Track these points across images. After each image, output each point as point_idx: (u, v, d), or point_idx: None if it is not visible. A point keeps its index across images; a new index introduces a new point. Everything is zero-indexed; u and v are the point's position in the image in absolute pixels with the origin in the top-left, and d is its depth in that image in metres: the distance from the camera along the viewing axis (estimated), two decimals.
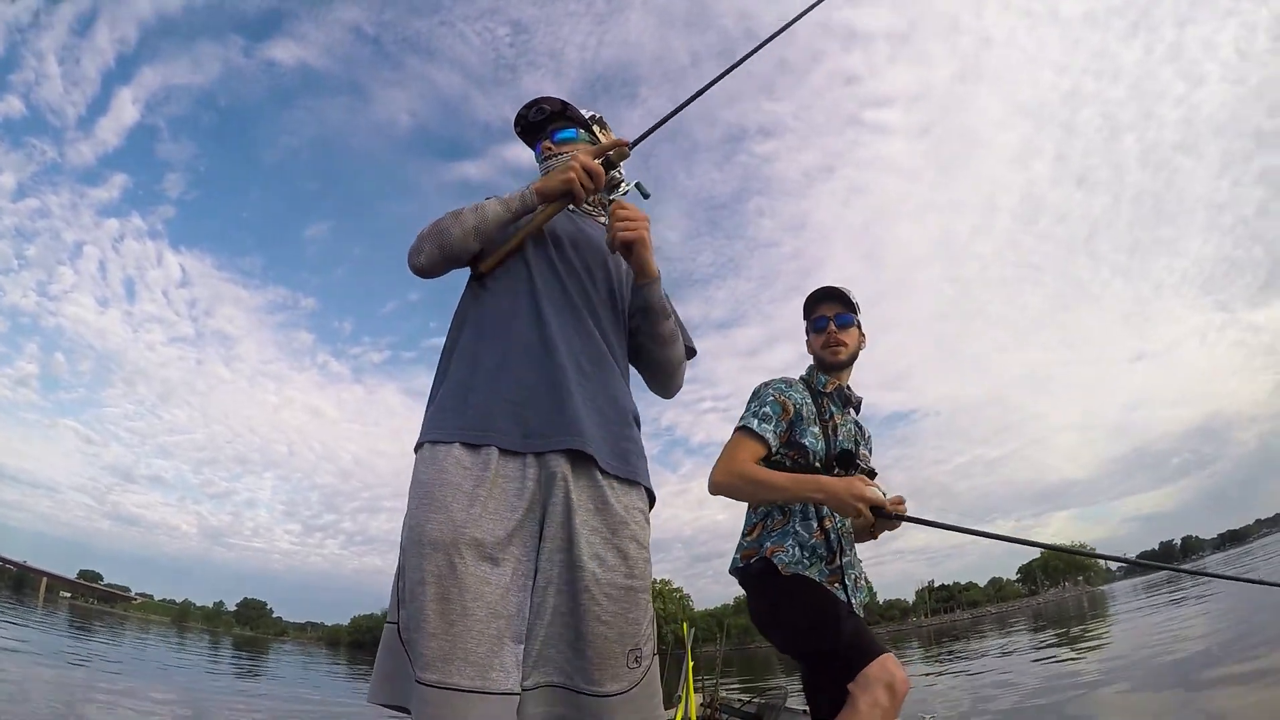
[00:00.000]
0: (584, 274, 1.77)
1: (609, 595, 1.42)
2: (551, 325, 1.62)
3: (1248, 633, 12.56)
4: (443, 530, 1.36)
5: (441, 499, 1.40)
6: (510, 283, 1.71)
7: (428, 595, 1.32)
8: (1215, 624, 16.12)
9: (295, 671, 35.02)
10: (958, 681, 16.19)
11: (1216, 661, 10.02)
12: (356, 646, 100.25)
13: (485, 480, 1.43)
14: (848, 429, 2.68)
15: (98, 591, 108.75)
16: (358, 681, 29.17)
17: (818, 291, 2.82)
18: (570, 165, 1.67)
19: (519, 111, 2.02)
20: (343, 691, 23.13)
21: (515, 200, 1.70)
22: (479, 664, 1.29)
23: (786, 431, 2.53)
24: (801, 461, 2.49)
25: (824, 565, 2.39)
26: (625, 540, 1.48)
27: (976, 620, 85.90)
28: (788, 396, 2.57)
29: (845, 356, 2.73)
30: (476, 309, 1.72)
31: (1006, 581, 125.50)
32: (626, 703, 1.40)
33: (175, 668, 24.64)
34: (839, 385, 2.74)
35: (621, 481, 1.54)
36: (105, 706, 10.59)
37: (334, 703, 17.99)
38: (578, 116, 2.01)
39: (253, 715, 13.14)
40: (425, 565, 1.35)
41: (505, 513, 1.42)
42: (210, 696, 15.61)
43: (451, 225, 1.68)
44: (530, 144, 2.06)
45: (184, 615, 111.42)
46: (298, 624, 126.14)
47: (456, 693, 1.26)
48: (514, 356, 1.58)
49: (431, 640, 1.30)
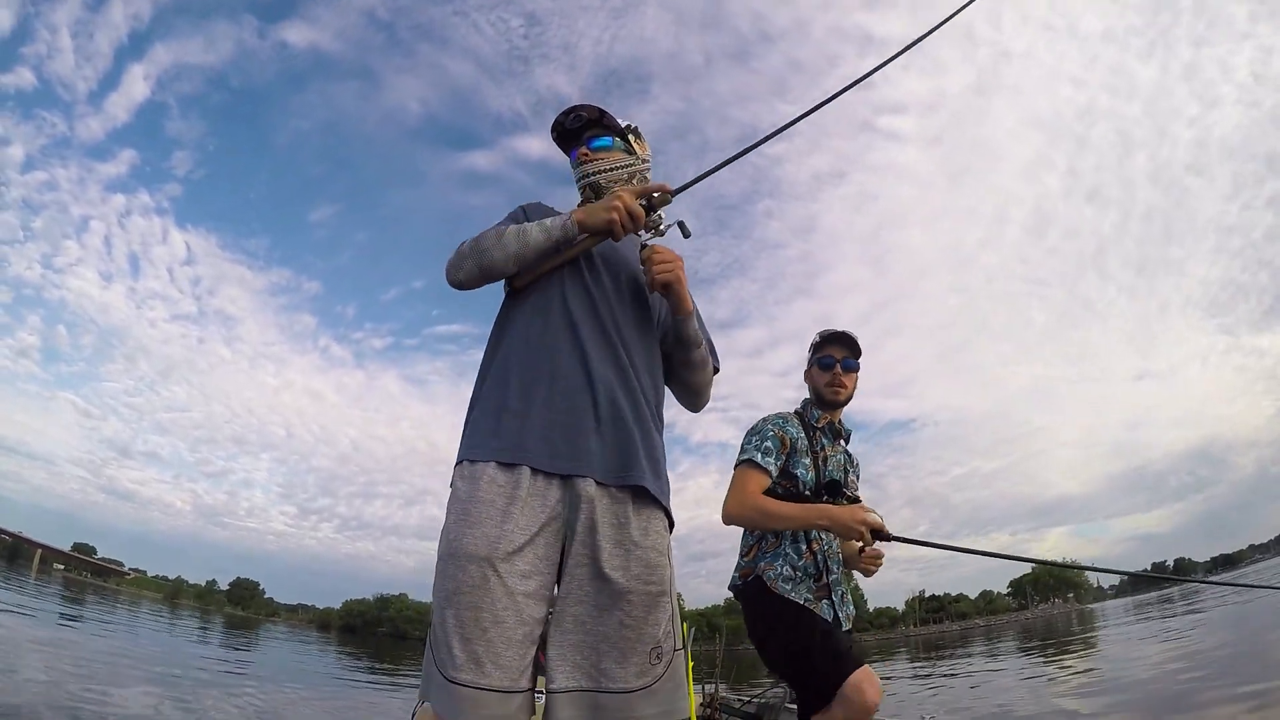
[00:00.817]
0: (613, 294, 1.84)
1: (634, 602, 1.53)
2: (583, 348, 1.71)
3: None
4: (478, 545, 1.47)
5: (477, 515, 1.51)
6: (544, 302, 1.79)
7: (461, 603, 1.44)
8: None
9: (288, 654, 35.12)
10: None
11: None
12: (347, 630, 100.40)
13: (518, 498, 1.53)
14: (837, 460, 2.89)
15: (91, 565, 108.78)
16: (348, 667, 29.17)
17: (832, 333, 3.02)
18: (614, 206, 1.72)
19: (556, 119, 2.05)
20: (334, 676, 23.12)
21: (557, 230, 1.76)
22: (507, 667, 1.43)
23: (784, 463, 2.75)
24: (792, 490, 2.73)
25: (812, 582, 2.66)
26: (647, 551, 1.58)
27: (965, 632, 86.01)
28: (785, 431, 2.80)
29: (844, 399, 2.95)
30: (511, 328, 1.80)
31: (997, 595, 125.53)
32: (649, 696, 1.51)
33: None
34: (830, 421, 2.95)
35: (640, 500, 1.63)
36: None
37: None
38: (614, 125, 2.04)
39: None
40: (460, 575, 1.46)
41: (533, 529, 1.53)
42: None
43: (494, 248, 1.76)
44: (566, 150, 2.09)
45: (176, 592, 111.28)
46: (289, 605, 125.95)
47: (488, 692, 1.40)
48: (546, 381, 1.67)
49: (465, 644, 1.42)
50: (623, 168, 2.02)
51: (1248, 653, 12.43)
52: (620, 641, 1.50)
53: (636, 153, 2.06)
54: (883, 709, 8.94)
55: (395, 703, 15.62)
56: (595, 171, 2.00)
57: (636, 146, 2.07)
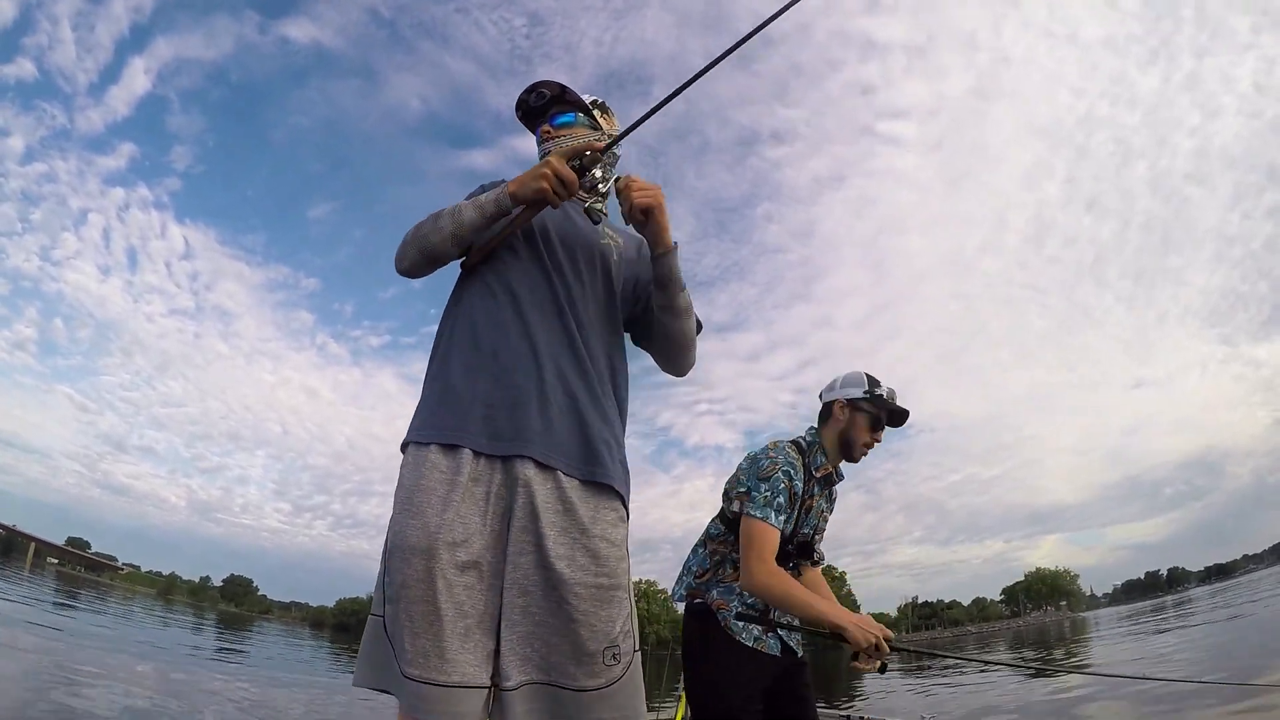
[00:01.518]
0: (569, 271, 1.77)
1: (580, 595, 1.46)
2: (530, 326, 1.66)
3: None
4: (419, 537, 1.44)
5: (418, 505, 1.47)
6: (494, 280, 1.73)
7: (408, 597, 1.41)
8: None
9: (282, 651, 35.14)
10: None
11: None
12: (341, 629, 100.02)
13: (459, 484, 1.49)
14: (818, 508, 2.75)
15: (85, 559, 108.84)
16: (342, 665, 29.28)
17: (899, 408, 2.81)
18: (543, 173, 1.62)
19: (519, 97, 2.00)
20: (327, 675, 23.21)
21: (490, 204, 1.68)
22: (454, 660, 1.39)
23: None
24: None
25: (760, 618, 2.52)
26: (595, 540, 1.51)
27: (957, 639, 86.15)
28: (793, 484, 2.58)
29: (860, 459, 2.79)
30: (461, 307, 1.76)
31: (990, 602, 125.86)
32: (605, 698, 1.45)
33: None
34: (830, 472, 2.75)
35: (589, 484, 1.57)
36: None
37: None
38: (576, 100, 1.98)
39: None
40: (405, 569, 1.43)
41: (475, 516, 1.48)
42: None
43: (430, 232, 1.71)
44: (531, 128, 2.04)
45: (170, 588, 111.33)
46: (282, 603, 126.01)
47: (438, 687, 1.37)
48: (489, 360, 1.62)
49: (414, 639, 1.39)
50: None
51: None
52: (571, 636, 1.44)
53: (601, 127, 2.00)
54: (882, 709, 8.96)
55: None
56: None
57: (602, 121, 2.01)
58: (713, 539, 2.70)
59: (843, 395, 2.79)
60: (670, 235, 1.74)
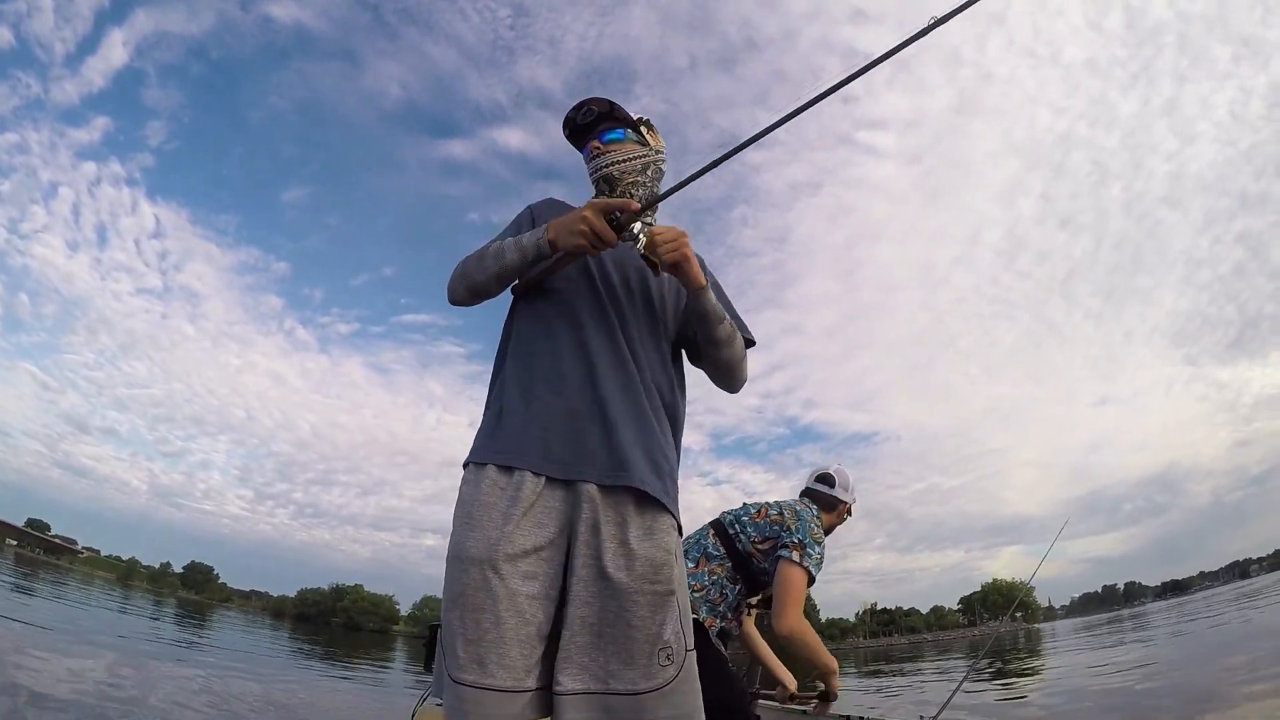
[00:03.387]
0: (621, 291, 1.84)
1: (637, 601, 1.51)
2: (588, 348, 1.72)
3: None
4: (479, 548, 1.50)
5: (478, 518, 1.54)
6: (545, 305, 1.81)
7: (465, 605, 1.47)
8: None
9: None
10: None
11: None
12: (301, 619, 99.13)
13: (520, 500, 1.54)
14: None
15: (44, 542, 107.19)
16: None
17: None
18: (580, 229, 1.65)
19: (567, 115, 2.01)
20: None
21: (531, 249, 1.73)
22: (510, 667, 1.44)
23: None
24: (765, 582, 2.90)
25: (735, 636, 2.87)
26: (652, 549, 1.57)
27: (914, 645, 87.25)
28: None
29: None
30: (516, 331, 1.84)
31: (947, 611, 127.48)
32: (663, 698, 1.49)
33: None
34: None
35: (647, 503, 1.62)
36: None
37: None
38: (625, 117, 1.99)
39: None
40: (463, 578, 1.49)
41: (535, 529, 1.54)
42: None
43: (476, 271, 1.80)
44: (578, 146, 2.04)
45: (130, 573, 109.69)
46: (242, 591, 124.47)
47: (491, 692, 1.43)
48: (546, 383, 1.69)
49: (468, 645, 1.45)
50: (636, 159, 1.96)
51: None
52: (626, 642, 1.49)
53: (650, 144, 2.00)
54: (881, 708, 9.22)
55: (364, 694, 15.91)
56: (609, 163, 1.95)
57: (649, 138, 2.01)
58: (711, 559, 2.88)
59: (849, 500, 3.22)
60: (700, 277, 1.78)
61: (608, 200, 1.72)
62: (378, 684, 19.01)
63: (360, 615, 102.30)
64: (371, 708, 12.12)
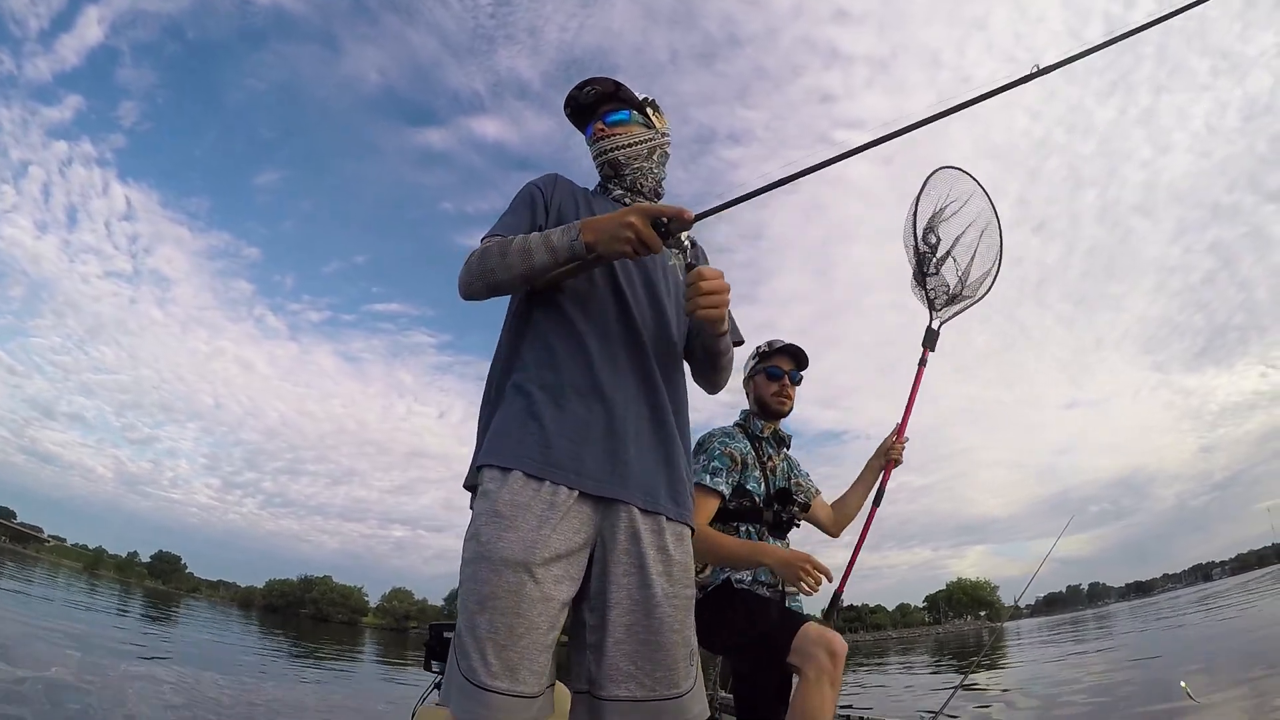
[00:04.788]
0: (645, 297, 1.77)
1: (675, 606, 1.54)
2: (613, 359, 1.66)
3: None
4: (514, 549, 1.43)
5: (513, 519, 1.46)
6: (570, 306, 1.70)
7: (499, 609, 1.40)
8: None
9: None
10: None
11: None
12: (269, 610, 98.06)
13: (556, 505, 1.50)
14: (783, 468, 2.95)
15: (10, 530, 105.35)
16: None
17: (784, 345, 3.02)
18: (627, 236, 1.53)
19: (570, 93, 1.94)
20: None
21: (564, 252, 1.60)
22: (539, 673, 1.42)
23: (736, 480, 2.75)
24: (747, 504, 2.74)
25: (765, 588, 2.68)
26: (684, 555, 1.63)
27: (879, 642, 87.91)
28: (733, 448, 2.78)
29: (788, 410, 2.97)
30: (535, 328, 1.72)
31: (913, 609, 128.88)
32: (694, 698, 1.54)
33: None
34: (774, 429, 2.98)
35: (671, 519, 1.64)
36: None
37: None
38: (631, 98, 1.92)
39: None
40: (496, 580, 1.41)
41: (569, 534, 1.50)
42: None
43: (499, 268, 1.65)
44: (580, 126, 1.99)
45: (96, 563, 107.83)
46: (210, 581, 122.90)
47: (521, 699, 1.39)
48: (579, 396, 1.61)
49: (502, 651, 1.38)
50: (641, 142, 1.92)
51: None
52: (670, 647, 1.51)
53: (655, 126, 1.95)
54: (880, 709, 9.31)
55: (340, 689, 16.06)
56: (613, 148, 1.90)
57: (655, 120, 1.96)
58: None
59: (744, 374, 3.12)
60: (726, 320, 1.73)
61: (657, 206, 1.59)
62: (368, 678, 19.22)
63: (329, 607, 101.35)
64: (371, 708, 12.15)
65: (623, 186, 1.93)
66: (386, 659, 30.38)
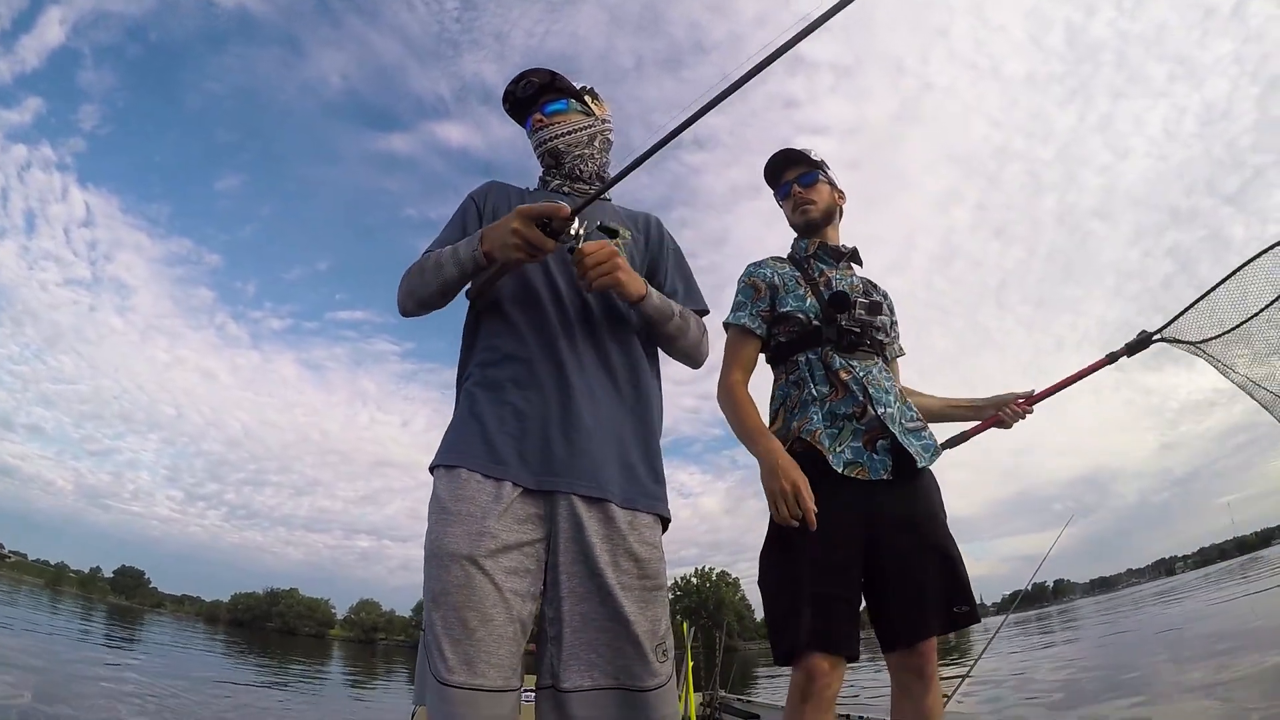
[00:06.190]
0: (570, 286, 1.73)
1: (630, 597, 1.49)
2: (559, 355, 1.64)
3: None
4: (459, 542, 1.43)
5: (458, 513, 1.47)
6: (508, 305, 1.70)
7: (448, 603, 1.40)
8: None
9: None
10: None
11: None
12: (236, 625, 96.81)
13: (501, 497, 1.49)
14: (849, 281, 2.41)
15: None
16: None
17: (774, 158, 2.60)
18: (514, 243, 1.52)
19: (506, 88, 1.92)
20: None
21: (469, 263, 1.61)
22: (500, 665, 1.39)
23: (769, 309, 2.37)
24: (794, 330, 2.31)
25: (856, 423, 2.12)
26: (635, 544, 1.55)
27: None
28: (756, 276, 2.43)
29: (817, 214, 2.49)
30: (482, 334, 1.74)
31: None
32: (663, 695, 1.49)
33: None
34: (822, 242, 2.50)
35: (621, 506, 1.58)
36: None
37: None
38: (567, 87, 1.91)
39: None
40: (445, 576, 1.41)
41: (517, 526, 1.49)
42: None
43: (419, 287, 1.68)
44: (520, 120, 1.97)
45: (58, 579, 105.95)
46: (174, 596, 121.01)
47: (483, 693, 1.37)
48: (520, 391, 1.61)
49: (456, 646, 1.38)
50: (582, 130, 1.89)
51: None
52: (631, 639, 1.47)
53: (595, 113, 1.94)
54: (880, 708, 8.13)
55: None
56: (552, 137, 1.87)
57: (594, 107, 1.94)
58: (775, 386, 2.35)
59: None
60: (634, 289, 1.66)
61: (535, 207, 1.53)
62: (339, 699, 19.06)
63: (296, 620, 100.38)
64: (368, 713, 12.03)
65: (561, 176, 1.90)
66: (355, 674, 30.04)
